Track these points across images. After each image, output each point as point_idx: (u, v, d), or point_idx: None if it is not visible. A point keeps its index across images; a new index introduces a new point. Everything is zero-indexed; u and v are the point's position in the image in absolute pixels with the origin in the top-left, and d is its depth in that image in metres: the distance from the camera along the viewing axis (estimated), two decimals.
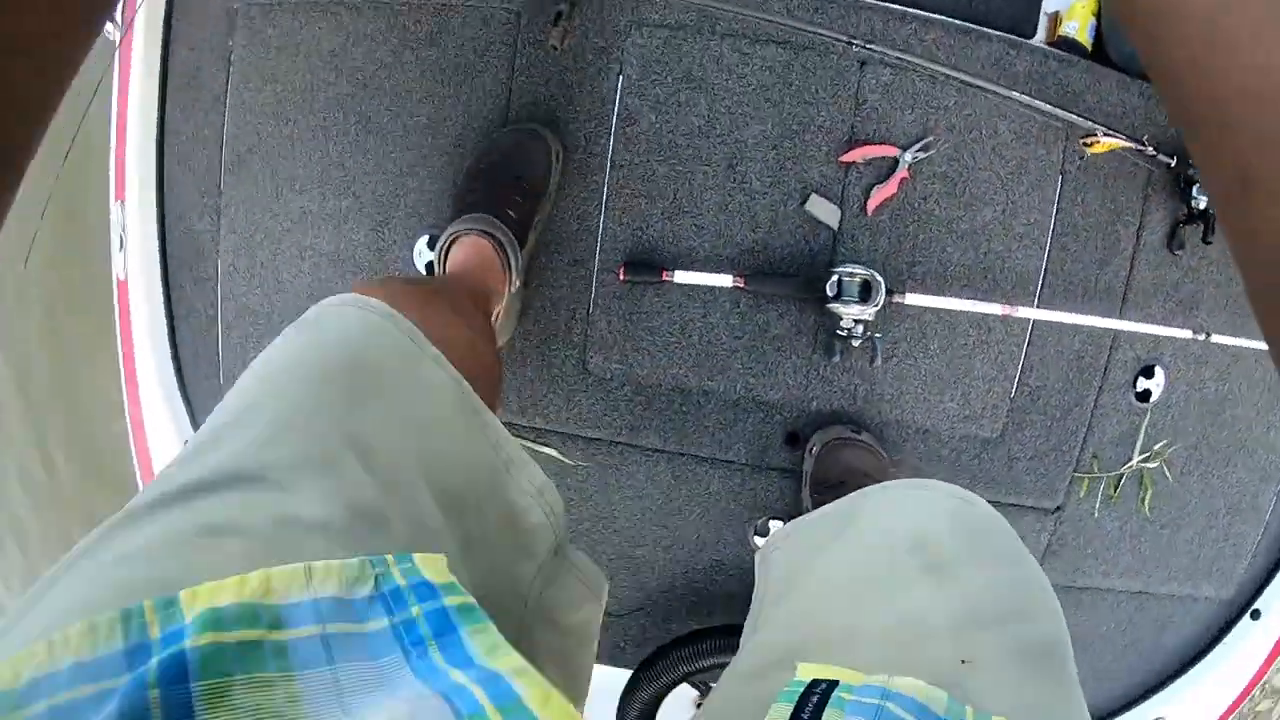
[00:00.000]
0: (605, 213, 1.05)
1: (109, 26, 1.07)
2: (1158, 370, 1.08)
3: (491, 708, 0.32)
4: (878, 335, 1.01)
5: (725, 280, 1.02)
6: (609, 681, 1.15)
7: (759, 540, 1.12)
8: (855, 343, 1.01)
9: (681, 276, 1.03)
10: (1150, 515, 1.13)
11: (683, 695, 1.12)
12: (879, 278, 0.99)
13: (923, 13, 1.01)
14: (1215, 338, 1.04)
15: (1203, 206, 1.01)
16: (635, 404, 1.10)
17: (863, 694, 0.41)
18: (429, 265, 1.09)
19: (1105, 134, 0.99)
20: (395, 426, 0.51)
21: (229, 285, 1.15)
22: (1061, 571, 1.14)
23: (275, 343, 0.55)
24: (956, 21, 1.02)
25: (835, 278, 0.99)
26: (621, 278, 1.04)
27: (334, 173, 1.09)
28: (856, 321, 1.00)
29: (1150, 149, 0.99)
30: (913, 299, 1.00)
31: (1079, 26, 1.02)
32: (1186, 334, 1.04)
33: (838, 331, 1.01)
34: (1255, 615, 1.20)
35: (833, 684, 0.42)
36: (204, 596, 0.35)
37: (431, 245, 1.09)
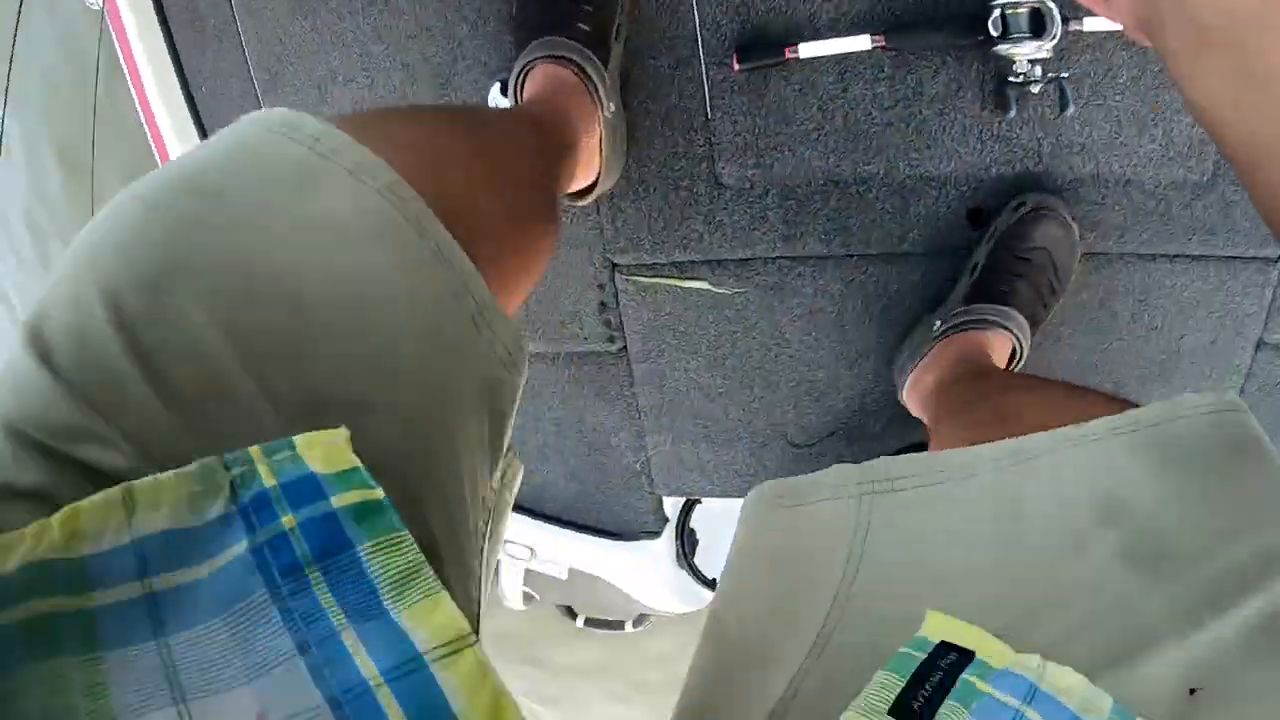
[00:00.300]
0: None
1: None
2: None
3: None
4: (1063, 75, 0.83)
5: (861, 42, 0.85)
6: None
7: None
8: (1034, 89, 0.83)
9: (808, 49, 0.86)
10: None
11: None
12: (1050, 3, 0.81)
13: None
14: None
15: None
16: (785, 210, 0.95)
17: (1002, 685, 0.29)
18: None
19: None
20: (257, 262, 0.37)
21: None
22: None
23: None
24: None
25: (997, 12, 0.81)
26: (736, 68, 0.88)
27: (374, 49, 0.98)
28: (1032, 62, 0.82)
29: None
30: (1092, 23, 0.82)
31: None
32: None
33: (1010, 79, 0.83)
34: None
35: (966, 656, 0.29)
36: None
37: (505, 92, 0.95)
